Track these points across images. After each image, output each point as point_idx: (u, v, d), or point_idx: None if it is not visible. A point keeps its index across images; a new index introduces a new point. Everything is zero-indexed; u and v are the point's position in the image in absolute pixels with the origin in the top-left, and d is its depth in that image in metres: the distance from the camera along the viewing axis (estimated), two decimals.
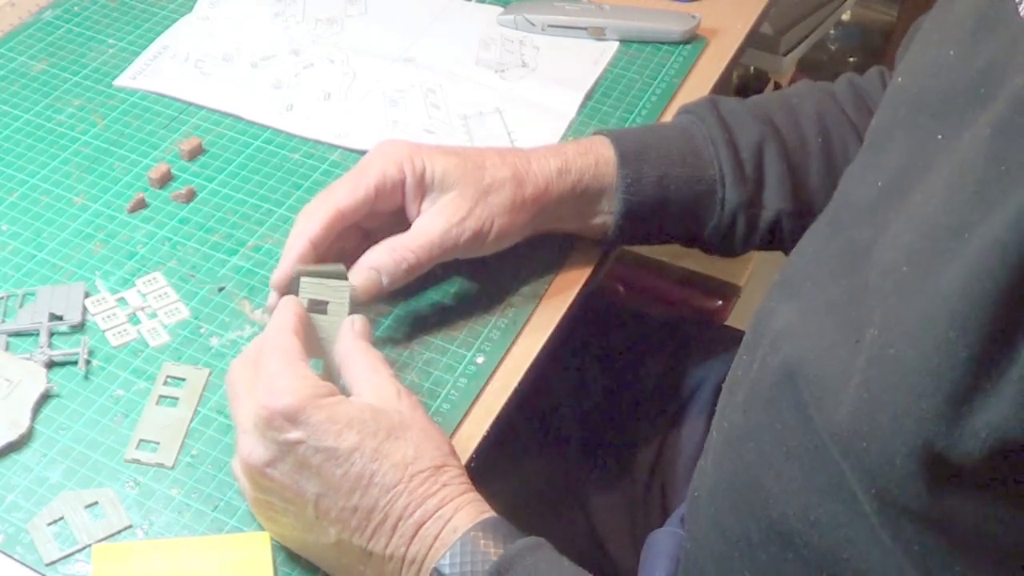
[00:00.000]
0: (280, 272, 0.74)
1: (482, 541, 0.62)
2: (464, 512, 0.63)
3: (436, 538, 0.62)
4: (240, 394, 0.66)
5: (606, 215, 0.82)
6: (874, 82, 0.87)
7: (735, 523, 0.65)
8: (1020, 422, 0.46)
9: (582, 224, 0.83)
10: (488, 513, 0.64)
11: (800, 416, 0.59)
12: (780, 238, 0.84)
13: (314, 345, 0.70)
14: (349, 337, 0.69)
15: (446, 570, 0.61)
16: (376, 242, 0.79)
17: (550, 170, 0.79)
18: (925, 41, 0.65)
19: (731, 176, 0.82)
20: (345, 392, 0.66)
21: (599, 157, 0.81)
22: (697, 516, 0.71)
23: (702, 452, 0.73)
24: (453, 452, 0.66)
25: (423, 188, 0.76)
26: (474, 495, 0.64)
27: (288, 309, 0.69)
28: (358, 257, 0.77)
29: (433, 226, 0.76)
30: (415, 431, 0.64)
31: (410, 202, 0.77)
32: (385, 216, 0.78)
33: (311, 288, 0.71)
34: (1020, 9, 0.54)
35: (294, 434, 0.62)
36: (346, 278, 0.72)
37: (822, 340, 0.58)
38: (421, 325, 0.80)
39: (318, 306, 0.71)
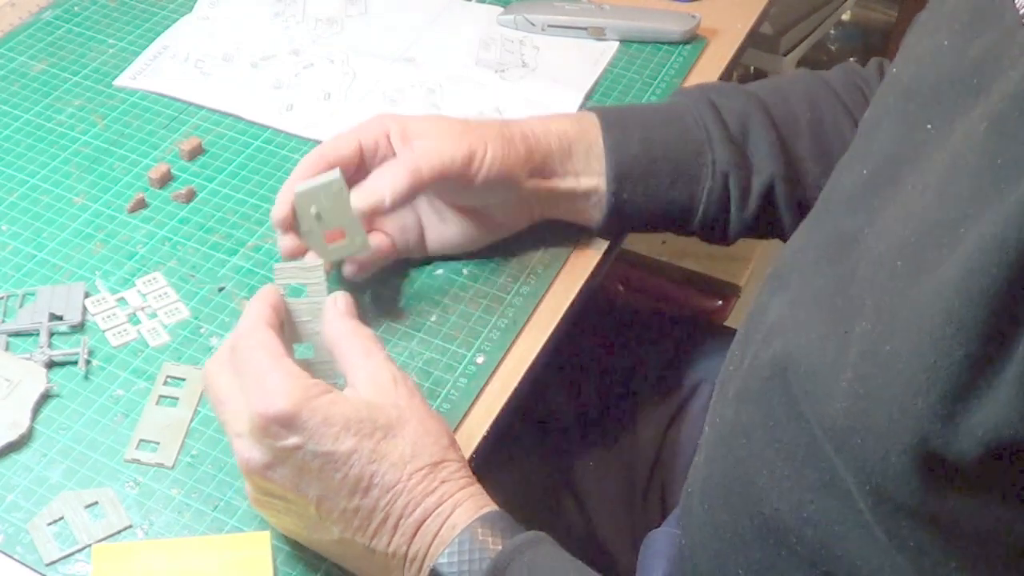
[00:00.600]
0: (279, 205, 0.75)
1: (481, 536, 0.62)
2: (463, 508, 0.63)
3: (436, 535, 0.62)
4: (224, 398, 0.64)
5: (597, 175, 0.82)
6: (872, 71, 0.88)
7: (728, 519, 0.65)
8: (1016, 421, 0.46)
9: (576, 183, 0.82)
10: (489, 507, 0.64)
11: (792, 411, 0.59)
12: (775, 209, 0.83)
13: (294, 331, 0.69)
14: (336, 317, 0.67)
15: (444, 569, 0.61)
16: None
17: (531, 124, 0.81)
18: (920, 31, 0.65)
19: (718, 136, 0.82)
20: (335, 374, 0.66)
21: (581, 119, 0.83)
22: (691, 513, 0.71)
23: (697, 449, 0.73)
24: (453, 444, 0.65)
25: (409, 138, 0.77)
26: (474, 489, 0.64)
27: (260, 301, 0.67)
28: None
29: (427, 143, 0.76)
30: (413, 425, 0.63)
31: (399, 151, 0.78)
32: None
33: (286, 274, 0.70)
34: (1016, 1, 0.53)
35: (291, 440, 0.61)
36: (340, 188, 0.73)
37: (811, 332, 0.58)
38: (421, 325, 0.80)
39: (295, 291, 0.70)
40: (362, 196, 0.74)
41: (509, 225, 0.83)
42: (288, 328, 0.68)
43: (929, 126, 0.57)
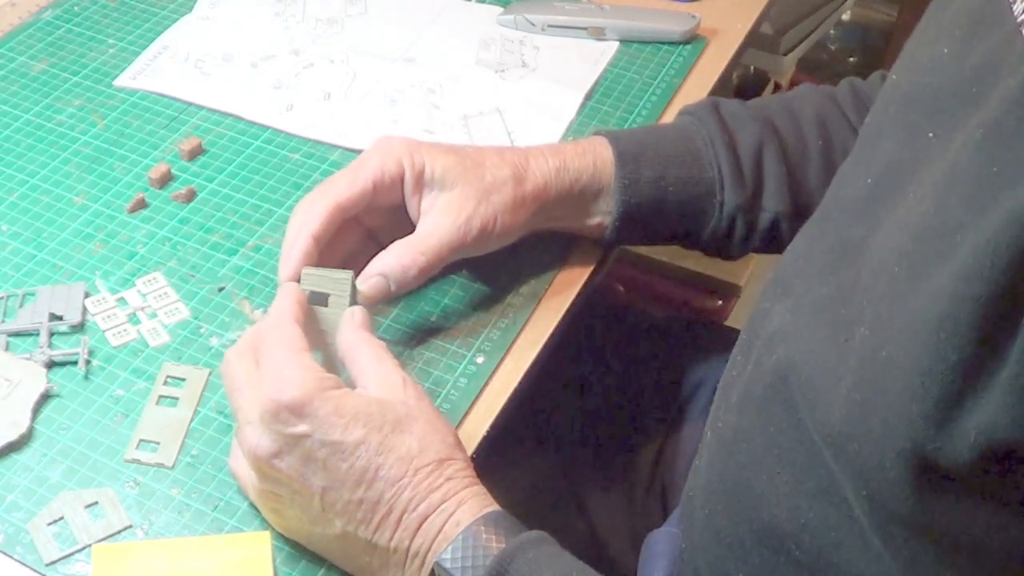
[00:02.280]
0: (288, 272, 0.72)
1: (484, 535, 0.62)
2: (468, 506, 0.63)
3: (439, 531, 0.62)
4: (240, 385, 0.65)
5: (604, 215, 0.82)
6: (876, 86, 0.87)
7: (728, 524, 0.65)
8: (1009, 425, 0.46)
9: (580, 224, 0.83)
10: (492, 507, 0.64)
11: (792, 418, 0.59)
12: (778, 240, 0.84)
13: (314, 336, 0.69)
14: (350, 328, 0.69)
15: (447, 564, 0.61)
16: (376, 239, 0.79)
17: (548, 168, 0.80)
18: (920, 38, 0.65)
19: (730, 178, 0.82)
20: (348, 385, 0.67)
21: (597, 157, 0.81)
22: (691, 517, 0.71)
23: (697, 452, 0.73)
24: (458, 444, 0.66)
25: (422, 184, 0.76)
26: (478, 488, 0.65)
27: (289, 297, 0.69)
28: (359, 253, 0.77)
29: (439, 227, 0.75)
30: (420, 423, 0.64)
31: (409, 198, 0.77)
32: (385, 212, 0.78)
33: (312, 280, 0.71)
34: (1014, 8, 0.53)
35: (300, 427, 0.62)
36: (347, 291, 0.71)
37: (813, 340, 0.58)
38: (421, 325, 0.80)
39: (319, 298, 0.71)
40: (367, 280, 0.73)
41: (508, 241, 0.82)
42: (308, 332, 0.68)
43: (931, 135, 0.57)
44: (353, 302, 0.71)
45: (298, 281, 0.71)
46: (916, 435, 0.49)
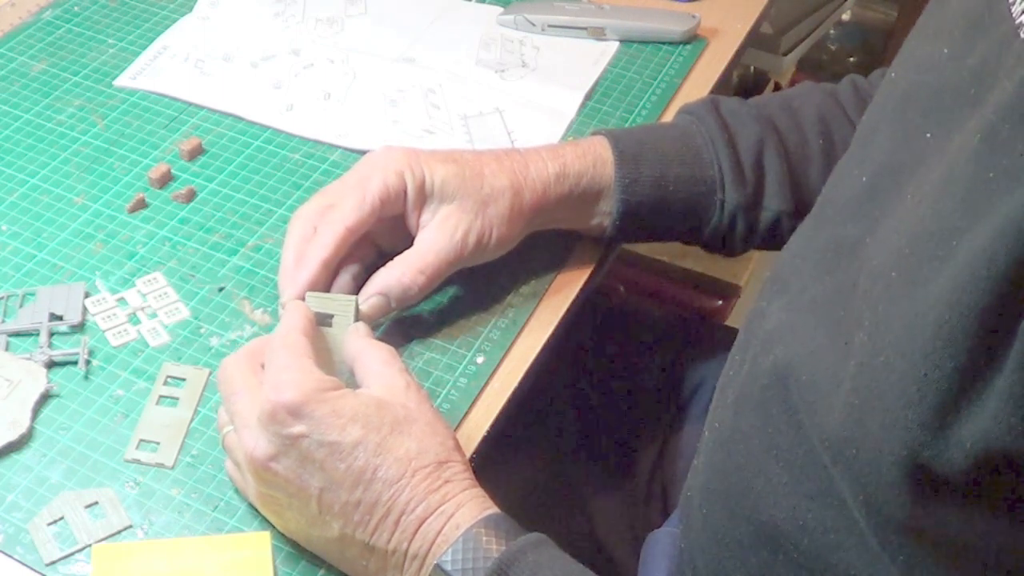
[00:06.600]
0: (293, 293, 0.73)
1: (484, 538, 0.62)
2: (467, 508, 0.63)
3: (439, 534, 0.62)
4: (237, 389, 0.66)
5: (604, 215, 0.82)
6: (877, 84, 0.87)
7: (726, 524, 0.65)
8: (1004, 433, 0.46)
9: (581, 224, 0.83)
10: (491, 509, 0.64)
11: (790, 419, 0.59)
12: (780, 238, 0.84)
13: (319, 355, 0.70)
14: (357, 337, 0.70)
15: (448, 566, 0.61)
16: (374, 243, 0.79)
17: (548, 175, 0.79)
18: (919, 36, 0.65)
19: (731, 176, 0.82)
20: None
21: (597, 158, 0.81)
22: (689, 516, 0.71)
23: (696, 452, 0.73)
24: (458, 447, 0.66)
25: (423, 196, 0.76)
26: (477, 491, 0.64)
27: (299, 312, 0.69)
28: (354, 260, 0.77)
29: (437, 243, 0.76)
30: (420, 425, 0.64)
31: (410, 211, 0.77)
32: (384, 222, 0.78)
33: (317, 302, 0.71)
34: (1014, 10, 0.53)
35: (297, 428, 0.62)
36: (352, 312, 0.72)
37: (811, 342, 0.58)
38: (421, 325, 0.80)
39: (323, 319, 0.71)
40: (367, 300, 0.74)
41: (506, 249, 0.82)
42: (316, 348, 0.69)
43: (928, 135, 0.56)
44: (356, 320, 0.72)
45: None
46: (912, 441, 0.49)
